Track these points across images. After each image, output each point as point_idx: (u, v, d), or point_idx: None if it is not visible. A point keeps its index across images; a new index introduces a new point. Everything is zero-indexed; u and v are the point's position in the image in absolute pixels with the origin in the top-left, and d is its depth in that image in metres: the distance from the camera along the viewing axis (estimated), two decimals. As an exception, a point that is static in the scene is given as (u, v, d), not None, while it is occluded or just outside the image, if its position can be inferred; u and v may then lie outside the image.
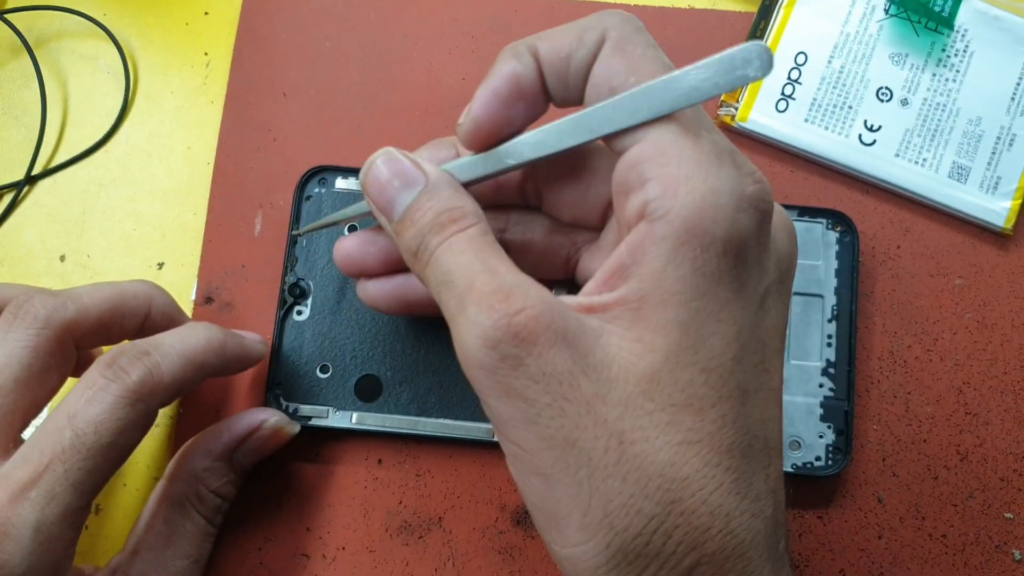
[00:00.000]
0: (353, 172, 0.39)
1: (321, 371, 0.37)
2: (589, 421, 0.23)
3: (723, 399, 0.23)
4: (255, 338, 0.35)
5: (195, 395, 0.38)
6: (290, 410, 0.37)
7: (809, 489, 0.37)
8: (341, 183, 0.39)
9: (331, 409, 0.37)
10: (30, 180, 0.41)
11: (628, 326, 0.23)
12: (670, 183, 0.23)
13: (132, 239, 0.40)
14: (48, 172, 0.41)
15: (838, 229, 0.38)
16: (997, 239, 0.39)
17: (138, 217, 0.40)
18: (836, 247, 0.38)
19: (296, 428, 0.36)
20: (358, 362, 0.37)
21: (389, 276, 0.32)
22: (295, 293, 0.37)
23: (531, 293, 0.23)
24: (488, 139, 0.27)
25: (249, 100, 0.41)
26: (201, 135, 0.41)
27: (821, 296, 0.37)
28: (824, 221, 0.38)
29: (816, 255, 0.38)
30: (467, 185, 0.27)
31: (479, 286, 0.23)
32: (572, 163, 0.28)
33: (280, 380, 0.37)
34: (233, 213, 0.40)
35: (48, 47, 0.43)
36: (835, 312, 0.37)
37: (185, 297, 0.39)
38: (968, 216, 0.39)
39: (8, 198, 0.41)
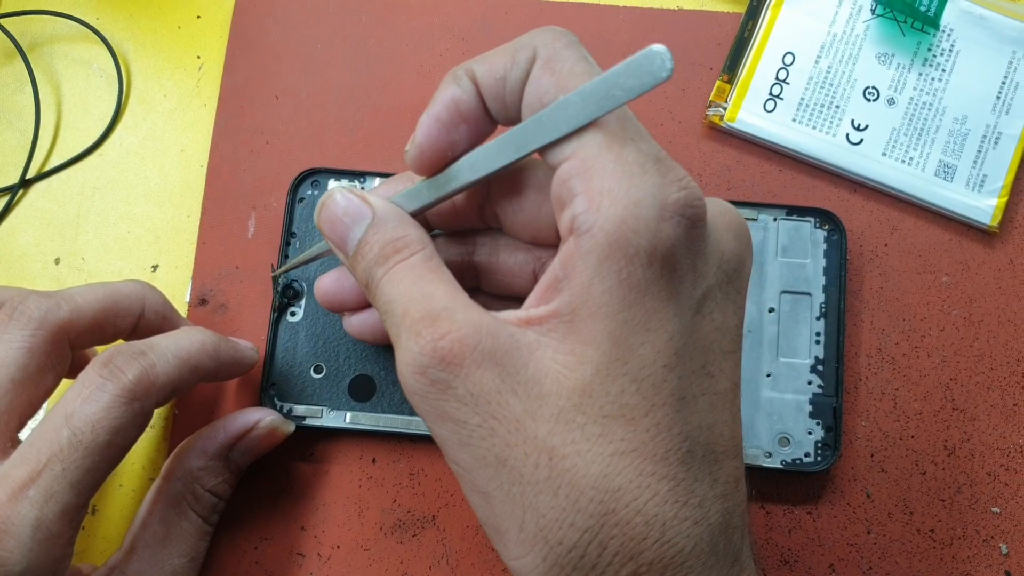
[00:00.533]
0: (346, 174, 0.39)
1: (315, 371, 0.37)
2: (519, 439, 0.23)
3: (656, 407, 0.23)
4: (248, 345, 0.35)
5: (190, 396, 0.38)
6: (284, 410, 0.37)
7: (799, 485, 0.37)
8: (334, 185, 0.39)
9: (325, 409, 0.37)
10: (24, 184, 0.41)
11: (562, 339, 0.24)
12: (594, 197, 0.23)
13: (126, 241, 0.40)
14: (42, 176, 0.41)
15: (826, 228, 0.38)
16: (983, 237, 0.39)
17: (132, 220, 0.41)
18: (824, 246, 0.38)
19: (291, 428, 0.36)
20: (351, 362, 0.37)
21: (369, 309, 0.33)
22: (289, 295, 0.38)
23: (458, 316, 0.24)
24: (434, 164, 0.28)
25: (242, 103, 0.41)
26: (194, 138, 0.41)
27: (809, 294, 0.38)
28: (812, 220, 0.38)
29: (804, 254, 0.38)
30: (417, 212, 0.28)
31: (411, 313, 0.24)
32: (520, 183, 0.29)
33: (275, 380, 0.37)
34: (227, 215, 0.40)
35: (42, 51, 0.43)
36: (823, 310, 0.38)
37: (179, 299, 0.39)
38: (954, 214, 0.39)
39: (3, 202, 0.41)
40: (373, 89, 0.41)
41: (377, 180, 0.39)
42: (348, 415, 0.37)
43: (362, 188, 0.39)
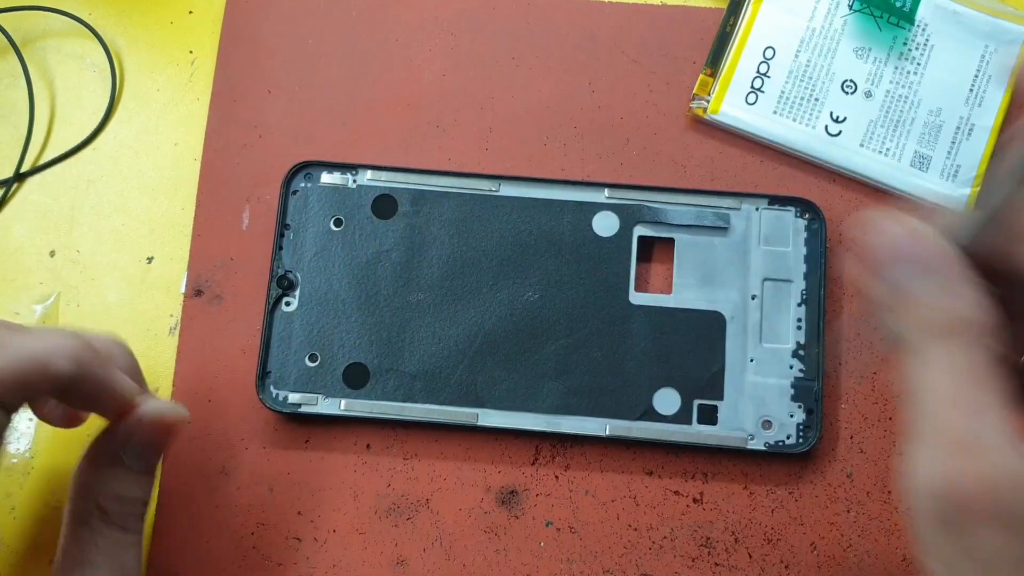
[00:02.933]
0: (339, 167, 0.40)
1: (310, 360, 0.38)
2: None
3: None
4: (167, 405, 0.32)
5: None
6: (280, 398, 0.38)
7: (781, 466, 0.38)
8: (327, 178, 0.40)
9: (320, 396, 0.38)
10: (19, 177, 0.42)
11: None
12: None
13: (121, 234, 0.41)
14: (37, 169, 0.42)
15: (806, 217, 0.39)
16: (957, 225, 0.41)
17: (127, 212, 0.41)
18: (805, 234, 0.39)
19: (184, 412, 0.32)
20: (345, 351, 0.38)
21: None
22: (283, 285, 0.39)
23: (996, 457, 0.20)
24: None
25: (235, 97, 0.42)
26: (188, 132, 0.42)
27: (791, 281, 0.39)
28: (793, 209, 0.39)
29: (786, 242, 0.39)
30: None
31: (943, 420, 0.20)
32: None
33: (271, 369, 0.38)
34: (221, 208, 0.41)
35: (35, 46, 0.43)
36: (804, 296, 0.39)
37: (175, 290, 0.40)
38: (930, 203, 0.40)
39: (-3, 195, 0.42)
40: (364, 83, 0.42)
41: (369, 172, 0.40)
42: (343, 402, 0.38)
43: (354, 181, 0.40)
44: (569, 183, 0.40)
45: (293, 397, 0.38)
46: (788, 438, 0.38)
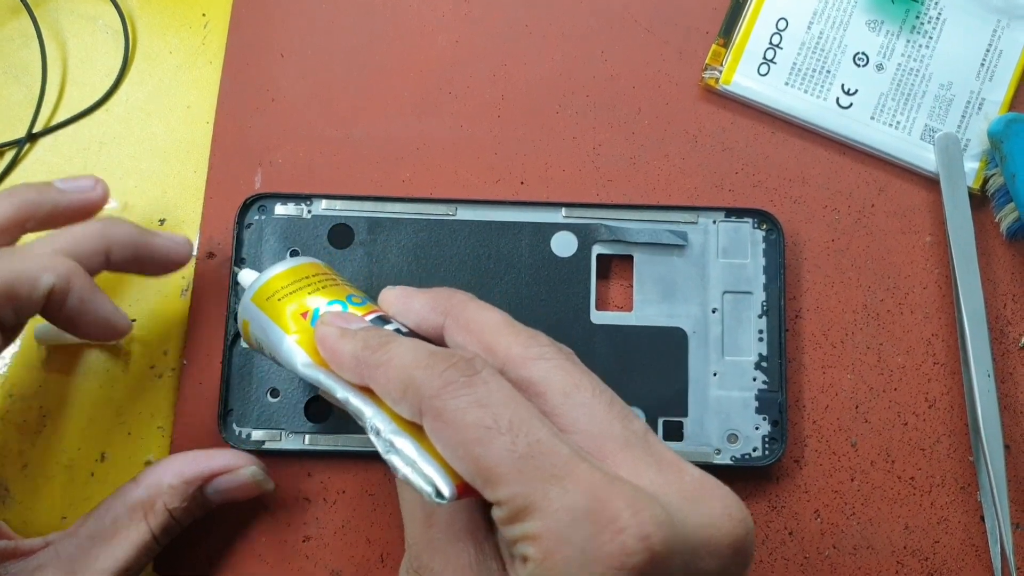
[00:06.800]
0: (292, 198, 0.39)
1: (271, 395, 0.38)
2: None
3: None
4: (173, 237, 0.35)
5: (194, 347, 0.39)
6: (243, 435, 0.37)
7: (789, 435, 0.39)
8: (280, 209, 0.39)
9: (284, 432, 0.38)
10: (31, 138, 0.42)
11: None
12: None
13: (133, 195, 0.41)
14: (49, 130, 0.42)
15: (764, 228, 0.39)
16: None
17: (139, 174, 0.41)
18: (763, 245, 0.39)
19: (271, 486, 0.36)
20: (307, 385, 0.38)
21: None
22: None
23: None
24: None
25: (247, 61, 0.42)
26: (200, 95, 0.42)
27: (750, 293, 0.39)
28: (750, 221, 0.39)
29: (744, 254, 0.39)
30: None
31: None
32: None
33: (232, 406, 0.38)
34: (233, 171, 0.41)
35: (47, 7, 0.43)
36: (764, 308, 0.39)
37: (187, 252, 0.40)
38: (939, 176, 0.40)
39: (9, 156, 0.42)
40: (377, 49, 0.42)
41: (324, 202, 0.39)
42: (306, 437, 0.37)
43: (309, 211, 0.39)
44: (526, 204, 0.39)
45: (256, 434, 0.37)
46: (754, 451, 0.38)
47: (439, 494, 0.24)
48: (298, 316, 0.30)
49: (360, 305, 0.31)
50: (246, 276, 0.34)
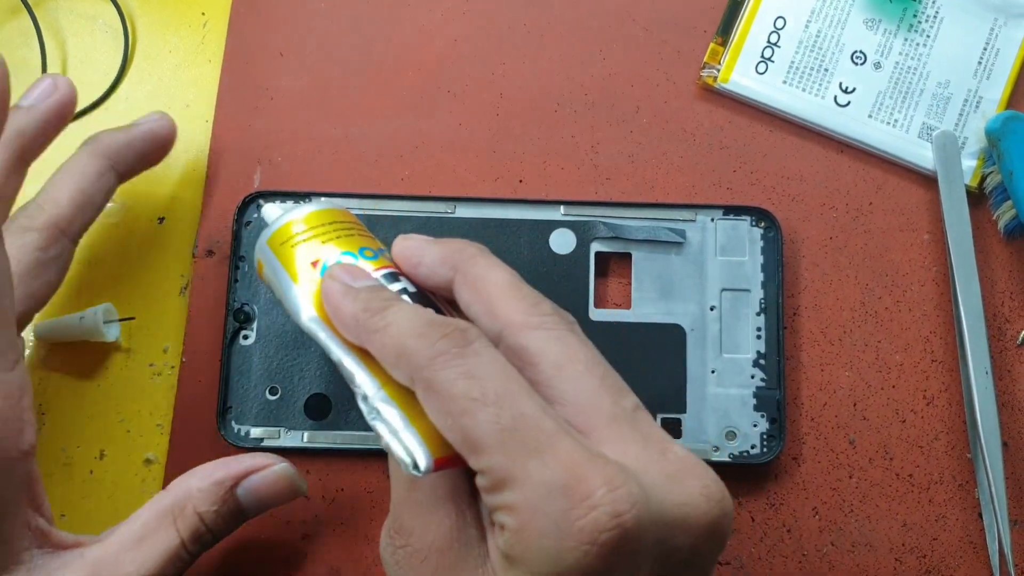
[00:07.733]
0: (291, 196, 0.39)
1: (270, 393, 0.38)
2: None
3: None
4: (151, 118, 0.39)
5: (194, 351, 0.39)
6: (242, 433, 0.37)
7: (788, 432, 0.39)
8: (269, 207, 0.38)
9: (282, 430, 0.38)
10: (31, 137, 0.42)
11: None
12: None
13: (133, 194, 0.41)
14: (49, 129, 0.42)
15: (762, 226, 0.40)
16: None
17: (138, 173, 0.41)
18: (761, 243, 0.39)
19: (304, 488, 0.35)
20: (306, 382, 0.38)
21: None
22: (240, 318, 0.38)
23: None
24: None
25: (246, 60, 0.42)
26: (199, 94, 0.42)
27: (749, 290, 0.39)
28: (748, 219, 0.39)
29: (742, 252, 0.39)
30: None
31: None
32: None
33: (231, 404, 0.38)
34: (232, 169, 0.41)
35: (47, 6, 0.43)
36: (763, 305, 0.39)
37: (186, 251, 0.40)
38: (936, 175, 0.41)
39: (9, 154, 0.42)
40: (375, 48, 0.42)
41: (322, 200, 0.39)
42: (305, 435, 0.38)
43: None
44: (525, 201, 0.40)
45: (255, 432, 0.38)
46: (753, 448, 0.38)
47: (415, 466, 0.24)
48: (309, 265, 0.30)
49: (372, 259, 0.30)
50: (270, 211, 0.34)
